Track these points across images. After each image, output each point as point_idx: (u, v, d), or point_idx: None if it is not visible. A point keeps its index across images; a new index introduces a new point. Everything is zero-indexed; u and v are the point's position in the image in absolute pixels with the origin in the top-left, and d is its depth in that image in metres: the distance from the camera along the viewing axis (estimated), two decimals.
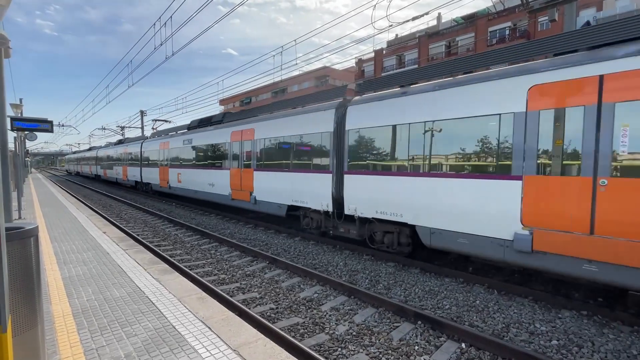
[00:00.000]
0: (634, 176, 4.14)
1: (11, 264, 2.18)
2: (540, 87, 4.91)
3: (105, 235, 7.95)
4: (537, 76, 4.97)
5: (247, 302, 5.29)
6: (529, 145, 5.03)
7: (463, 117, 5.89)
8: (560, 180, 4.72)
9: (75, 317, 3.67)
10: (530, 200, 5.03)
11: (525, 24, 30.25)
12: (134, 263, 5.70)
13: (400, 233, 7.18)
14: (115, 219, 12.56)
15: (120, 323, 3.54)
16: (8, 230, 2.20)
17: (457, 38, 36.44)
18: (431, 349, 3.97)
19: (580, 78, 4.57)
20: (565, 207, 4.65)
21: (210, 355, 2.95)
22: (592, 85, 4.45)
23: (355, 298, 5.39)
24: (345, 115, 8.05)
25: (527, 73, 5.08)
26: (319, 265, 7.11)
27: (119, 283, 4.74)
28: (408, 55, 41.16)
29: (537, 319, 4.62)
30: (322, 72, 53.77)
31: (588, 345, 3.99)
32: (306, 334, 4.32)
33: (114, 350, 3.02)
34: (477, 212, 5.67)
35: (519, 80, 5.13)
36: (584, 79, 4.53)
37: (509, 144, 5.27)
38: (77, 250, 6.55)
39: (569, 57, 4.77)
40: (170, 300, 4.13)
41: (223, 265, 7.20)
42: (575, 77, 4.61)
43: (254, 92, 62.71)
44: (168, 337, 3.26)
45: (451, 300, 5.27)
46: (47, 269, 5.34)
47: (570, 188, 4.61)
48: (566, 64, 4.72)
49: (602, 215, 4.33)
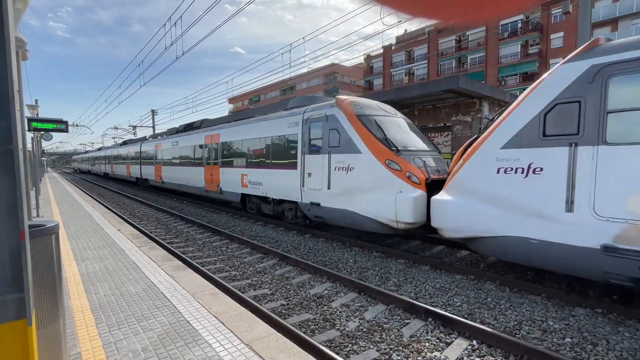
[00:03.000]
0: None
1: (34, 260, 2.27)
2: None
3: (120, 232, 8.14)
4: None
5: (258, 298, 5.37)
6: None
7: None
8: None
9: (93, 312, 3.79)
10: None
11: (537, 16, 29.59)
12: (148, 260, 5.83)
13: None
14: (129, 217, 12.83)
15: (137, 318, 3.64)
16: (31, 227, 2.29)
17: (467, 32, 35.86)
18: (442, 345, 3.98)
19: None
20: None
21: (224, 349, 3.02)
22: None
23: (366, 295, 5.42)
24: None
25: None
26: (329, 262, 7.15)
27: (134, 279, 4.87)
28: (417, 51, 40.70)
29: (550, 317, 4.57)
30: (330, 70, 53.60)
31: (603, 344, 3.93)
32: (317, 329, 4.37)
33: (132, 344, 3.11)
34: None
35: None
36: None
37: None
38: (94, 247, 6.73)
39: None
40: (184, 296, 4.22)
41: (234, 262, 7.31)
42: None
43: (263, 90, 62.92)
44: (183, 331, 3.34)
45: (462, 297, 5.25)
46: (65, 265, 5.51)
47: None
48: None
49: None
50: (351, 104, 8.32)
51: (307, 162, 9.14)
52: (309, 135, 9.13)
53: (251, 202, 12.12)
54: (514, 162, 5.21)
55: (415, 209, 6.70)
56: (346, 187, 8.01)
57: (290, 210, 10.31)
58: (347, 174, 8.01)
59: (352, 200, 7.87)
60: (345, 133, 8.06)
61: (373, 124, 7.90)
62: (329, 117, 8.54)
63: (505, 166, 5.31)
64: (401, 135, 8.06)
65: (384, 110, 8.79)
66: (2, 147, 1.56)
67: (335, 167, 8.28)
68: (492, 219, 5.45)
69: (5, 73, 1.54)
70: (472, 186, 5.75)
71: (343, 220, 8.33)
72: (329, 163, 8.45)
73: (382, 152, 7.39)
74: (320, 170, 8.73)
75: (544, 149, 4.90)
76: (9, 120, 1.57)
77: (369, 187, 7.52)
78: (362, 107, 8.37)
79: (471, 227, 5.73)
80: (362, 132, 7.76)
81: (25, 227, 1.67)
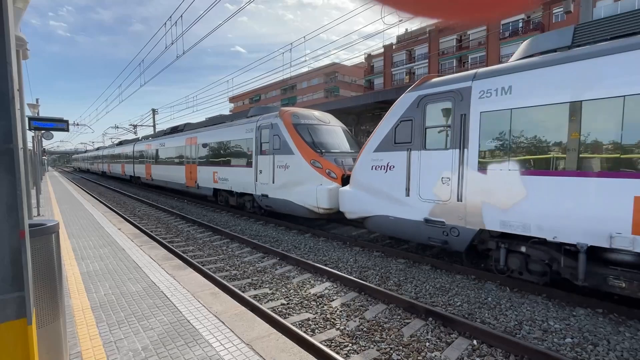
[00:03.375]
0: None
1: (34, 259, 2.27)
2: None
3: (120, 231, 8.14)
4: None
5: (258, 297, 5.37)
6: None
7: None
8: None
9: (93, 311, 3.79)
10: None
11: (539, 15, 29.53)
12: (149, 259, 5.84)
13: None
14: (130, 216, 12.83)
15: (137, 317, 3.64)
16: (31, 226, 2.29)
17: (468, 32, 35.78)
18: (442, 345, 3.97)
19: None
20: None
21: (224, 349, 3.02)
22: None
23: (366, 294, 5.41)
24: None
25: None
26: (329, 261, 7.15)
27: (135, 278, 4.87)
28: (418, 50, 40.65)
29: (551, 317, 4.57)
30: (331, 69, 53.56)
31: (603, 344, 3.93)
32: (317, 329, 4.37)
33: (132, 343, 3.11)
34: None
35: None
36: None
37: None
38: (94, 246, 6.74)
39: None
40: (184, 295, 4.22)
41: (235, 261, 7.31)
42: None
43: (263, 89, 62.92)
44: (183, 330, 3.34)
45: (462, 297, 5.25)
46: (66, 264, 5.52)
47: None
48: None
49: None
50: (290, 115, 10.37)
51: (259, 162, 11.21)
52: (260, 139, 11.23)
53: (221, 195, 14.31)
54: (380, 161, 7.17)
55: (330, 197, 8.68)
56: (284, 181, 10.04)
57: (249, 201, 12.28)
58: (284, 171, 10.05)
59: (289, 192, 9.86)
60: (283, 138, 10.08)
61: (305, 131, 10.01)
62: (273, 125, 10.55)
63: (375, 164, 7.26)
64: (328, 140, 10.21)
65: (319, 119, 10.76)
66: (3, 145, 1.56)
67: (277, 166, 10.30)
68: (369, 203, 7.42)
69: (6, 71, 1.54)
70: (359, 179, 7.69)
71: (284, 208, 10.23)
72: (273, 162, 10.48)
73: (309, 153, 9.45)
74: (267, 168, 10.72)
75: (395, 152, 6.87)
76: (9, 119, 1.57)
77: (299, 181, 9.51)
78: (300, 117, 10.40)
79: (359, 210, 7.72)
80: (295, 137, 9.83)
81: (25, 226, 1.67)
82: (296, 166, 9.60)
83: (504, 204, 5.31)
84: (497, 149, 5.43)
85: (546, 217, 4.89)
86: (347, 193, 8.00)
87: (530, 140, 5.11)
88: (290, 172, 9.82)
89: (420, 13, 1.08)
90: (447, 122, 6.05)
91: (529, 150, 5.10)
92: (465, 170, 5.78)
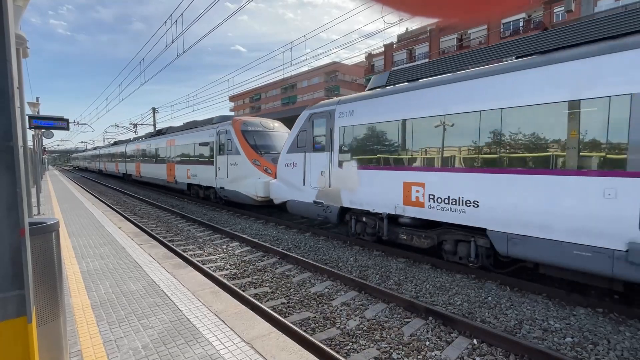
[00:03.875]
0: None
1: (34, 257, 2.27)
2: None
3: (121, 230, 8.14)
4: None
5: (259, 296, 5.37)
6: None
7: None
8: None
9: (94, 310, 3.79)
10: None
11: (540, 15, 29.45)
12: (149, 257, 5.84)
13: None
14: (130, 215, 12.84)
15: (137, 315, 3.65)
16: (31, 225, 2.29)
17: (469, 31, 35.69)
18: (442, 344, 3.97)
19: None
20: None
21: (224, 347, 3.02)
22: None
23: (366, 293, 5.41)
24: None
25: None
26: (330, 260, 7.15)
27: (135, 277, 4.87)
28: (419, 49, 40.57)
29: (551, 316, 4.57)
30: (331, 68, 53.49)
31: (604, 343, 3.93)
32: (317, 328, 4.37)
33: (132, 342, 3.11)
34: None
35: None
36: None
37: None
38: (94, 245, 6.74)
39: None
40: (184, 294, 4.22)
41: (235, 260, 7.31)
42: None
43: (264, 88, 62.88)
44: (183, 329, 3.34)
45: (462, 296, 5.25)
46: (66, 263, 5.52)
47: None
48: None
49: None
50: (240, 123, 13.18)
51: (218, 161, 13.93)
52: (218, 142, 13.99)
53: (193, 189, 17.08)
54: (290, 160, 9.75)
55: (265, 188, 11.27)
56: (235, 176, 12.78)
57: (213, 193, 14.98)
58: (234, 168, 12.77)
59: (238, 184, 12.53)
60: (234, 142, 12.89)
61: (251, 136, 12.82)
62: (227, 131, 13.36)
63: (287, 162, 9.86)
64: (268, 143, 12.98)
65: (264, 126, 13.57)
66: (3, 143, 1.56)
67: (230, 164, 13.07)
68: (286, 191, 10.02)
69: (5, 69, 1.54)
70: (279, 174, 10.35)
71: (236, 197, 12.84)
72: (227, 161, 13.25)
73: (251, 154, 12.28)
74: (224, 166, 13.46)
75: (297, 154, 9.45)
76: (9, 117, 1.57)
77: (245, 175, 12.23)
78: (247, 125, 13.20)
79: (281, 197, 10.29)
80: (242, 141, 12.64)
81: (25, 225, 1.66)
82: (242, 164, 12.37)
83: (351, 189, 7.95)
84: (347, 152, 8.07)
85: (369, 196, 7.56)
86: (273, 184, 10.65)
87: (361, 146, 7.75)
88: (238, 168, 12.58)
89: (419, 12, 1.07)
90: (324, 132, 8.67)
91: (361, 153, 7.75)
92: (332, 166, 8.41)
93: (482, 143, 5.62)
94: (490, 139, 5.54)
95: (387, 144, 7.16)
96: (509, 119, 5.29)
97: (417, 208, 6.56)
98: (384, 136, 7.22)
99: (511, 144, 5.31)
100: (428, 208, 6.37)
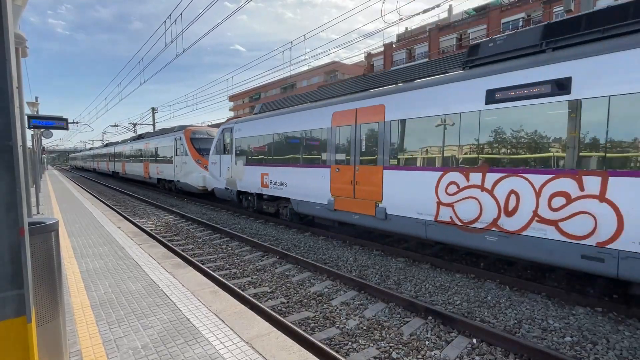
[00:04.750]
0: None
1: (34, 257, 2.27)
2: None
3: (120, 230, 8.13)
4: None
5: (258, 296, 5.37)
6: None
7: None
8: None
9: (93, 309, 3.79)
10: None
11: (539, 14, 29.44)
12: (148, 257, 5.83)
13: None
14: (129, 215, 12.83)
15: (137, 315, 3.64)
16: (30, 225, 2.28)
17: (468, 30, 35.66)
18: (442, 344, 3.98)
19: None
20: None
21: (224, 347, 3.02)
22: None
23: (366, 293, 5.42)
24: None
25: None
26: (329, 260, 7.15)
27: (134, 277, 4.87)
28: (418, 49, 40.53)
29: (550, 315, 4.57)
30: (331, 67, 53.45)
31: (603, 342, 3.94)
32: (317, 327, 4.37)
33: (132, 342, 3.11)
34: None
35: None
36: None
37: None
38: (94, 244, 6.73)
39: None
40: (184, 294, 4.22)
41: (234, 259, 7.31)
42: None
43: (263, 88, 62.82)
44: (183, 329, 3.34)
45: (462, 295, 5.25)
46: (66, 262, 5.51)
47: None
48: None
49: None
50: (190, 132, 17.68)
51: (175, 160, 18.36)
52: (175, 146, 18.41)
53: (161, 182, 21.57)
54: (213, 159, 13.92)
55: (205, 181, 15.40)
56: (185, 172, 17.12)
57: (173, 186, 19.23)
58: (185, 166, 17.19)
59: (187, 178, 16.92)
60: (184, 146, 17.35)
61: (197, 142, 17.29)
62: (181, 137, 17.81)
63: (212, 161, 14.02)
64: (209, 147, 15.74)
65: (208, 134, 17.93)
66: (2, 143, 1.55)
67: (182, 163, 17.55)
68: (212, 181, 14.19)
69: (5, 69, 1.53)
70: (209, 169, 14.36)
71: (187, 188, 17.11)
72: (180, 160, 17.67)
73: (195, 155, 16.66)
74: (179, 164, 17.89)
75: (217, 155, 13.60)
76: (8, 117, 1.56)
77: (191, 171, 16.61)
78: (195, 133, 17.71)
79: (210, 185, 14.53)
80: (190, 146, 17.12)
81: (24, 224, 1.66)
82: (189, 163, 16.83)
83: (240, 178, 12.05)
84: (239, 154, 12.19)
85: (248, 183, 11.67)
86: (207, 177, 15.03)
87: (245, 150, 11.86)
88: (187, 166, 17.01)
89: None
90: (229, 141, 12.82)
91: (245, 155, 11.85)
92: (232, 164, 12.52)
93: (288, 152, 9.91)
94: (290, 149, 9.83)
95: (256, 150, 11.24)
96: (296, 138, 9.68)
97: (266, 188, 10.76)
98: (255, 144, 11.32)
99: (295, 152, 9.67)
100: (271, 188, 10.52)
